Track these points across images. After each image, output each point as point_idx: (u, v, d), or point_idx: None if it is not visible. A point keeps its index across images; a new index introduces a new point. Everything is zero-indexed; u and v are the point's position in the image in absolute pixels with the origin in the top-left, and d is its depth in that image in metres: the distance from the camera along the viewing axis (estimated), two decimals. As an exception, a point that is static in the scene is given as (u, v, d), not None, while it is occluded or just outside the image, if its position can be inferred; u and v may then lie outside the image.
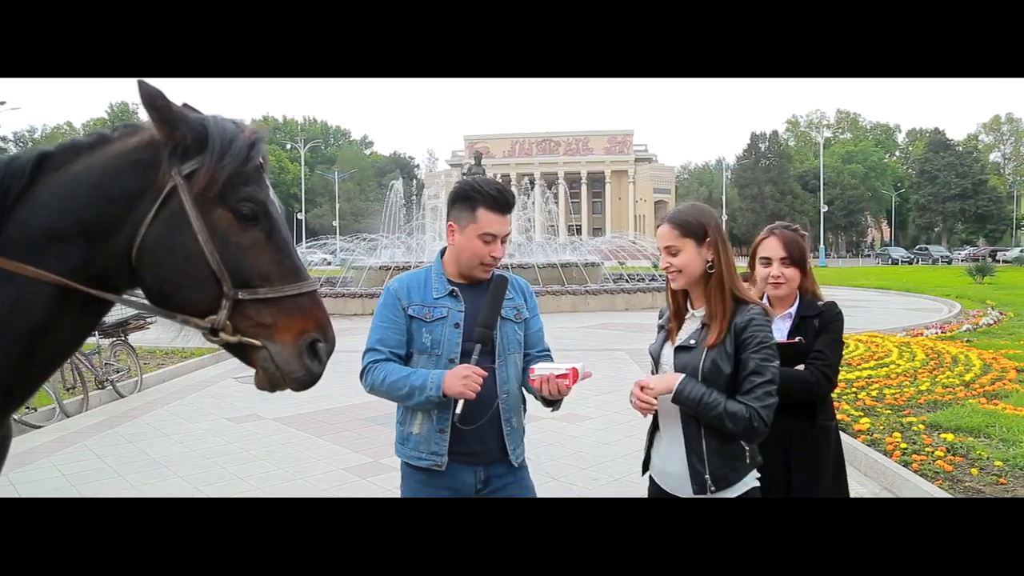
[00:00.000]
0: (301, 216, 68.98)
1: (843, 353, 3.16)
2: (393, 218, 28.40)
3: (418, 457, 2.44)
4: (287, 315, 1.71)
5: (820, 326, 2.94)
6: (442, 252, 2.57)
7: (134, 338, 9.47)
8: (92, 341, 8.98)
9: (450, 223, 2.48)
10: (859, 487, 5.24)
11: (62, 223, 1.68)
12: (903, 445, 5.68)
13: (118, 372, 9.07)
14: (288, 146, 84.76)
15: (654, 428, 2.45)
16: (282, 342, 1.71)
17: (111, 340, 9.09)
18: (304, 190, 73.60)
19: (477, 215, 2.40)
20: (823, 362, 2.88)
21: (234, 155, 1.68)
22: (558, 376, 2.32)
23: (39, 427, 7.30)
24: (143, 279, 1.72)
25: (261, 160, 1.76)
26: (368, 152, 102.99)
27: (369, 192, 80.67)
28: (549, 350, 2.64)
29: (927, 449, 5.57)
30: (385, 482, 5.43)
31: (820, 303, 3.00)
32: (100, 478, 5.68)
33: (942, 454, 5.43)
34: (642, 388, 2.26)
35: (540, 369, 2.37)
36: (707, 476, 2.21)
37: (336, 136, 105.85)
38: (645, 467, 2.50)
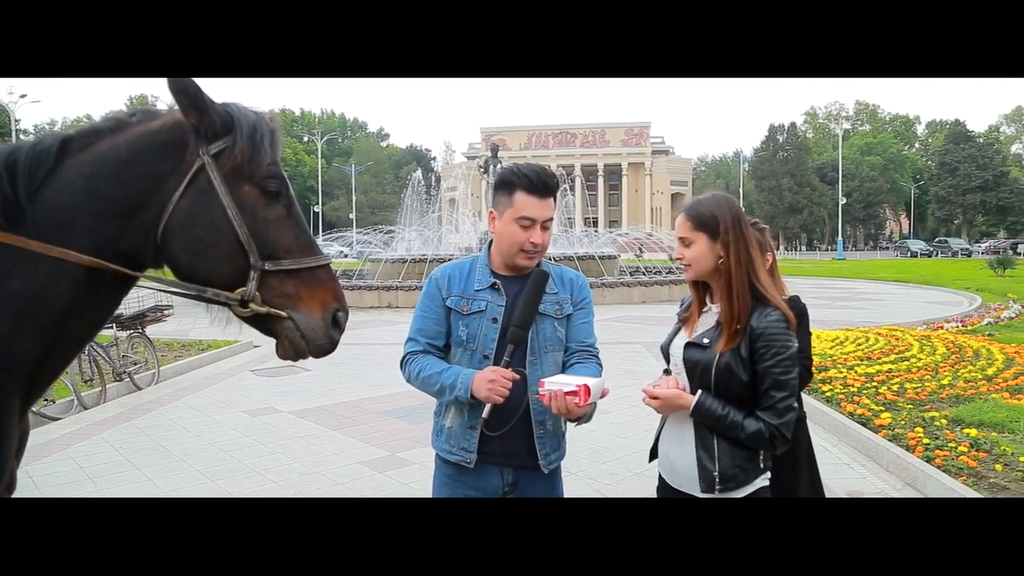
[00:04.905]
0: (318, 208, 69.20)
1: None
2: (411, 210, 28.46)
3: (449, 451, 2.40)
4: (308, 286, 1.83)
5: None
6: (491, 243, 2.49)
7: (151, 330, 9.51)
8: (109, 333, 9.04)
9: (491, 211, 2.43)
10: (881, 483, 5.17)
11: (90, 200, 1.73)
12: (925, 440, 5.59)
13: (135, 364, 9.11)
14: (305, 139, 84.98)
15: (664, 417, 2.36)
16: (308, 311, 1.82)
17: (128, 332, 9.13)
18: (321, 183, 73.85)
19: (514, 199, 2.33)
20: (802, 354, 2.86)
21: (261, 137, 1.80)
22: (567, 392, 2.12)
23: (57, 419, 7.36)
24: (171, 255, 1.79)
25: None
26: (384, 144, 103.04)
27: (385, 185, 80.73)
28: (593, 347, 2.47)
29: (950, 444, 5.48)
30: (402, 476, 5.41)
31: (784, 297, 2.97)
32: (116, 470, 5.70)
33: (965, 449, 5.34)
34: (651, 397, 2.21)
35: (550, 383, 2.17)
36: (716, 475, 2.13)
37: (353, 128, 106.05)
38: (653, 454, 2.41)
